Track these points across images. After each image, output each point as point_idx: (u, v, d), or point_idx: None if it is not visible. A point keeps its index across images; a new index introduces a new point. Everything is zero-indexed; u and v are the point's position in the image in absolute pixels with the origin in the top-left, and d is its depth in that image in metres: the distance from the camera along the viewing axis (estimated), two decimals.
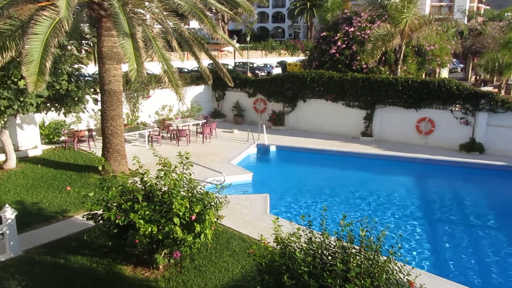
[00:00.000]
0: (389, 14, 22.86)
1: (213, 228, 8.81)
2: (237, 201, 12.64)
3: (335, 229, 6.91)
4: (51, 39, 10.79)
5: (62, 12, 9.79)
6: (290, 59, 56.31)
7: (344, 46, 24.74)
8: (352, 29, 24.78)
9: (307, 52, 35.70)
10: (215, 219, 8.82)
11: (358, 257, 5.67)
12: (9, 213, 9.03)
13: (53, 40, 10.90)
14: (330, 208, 13.24)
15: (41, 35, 10.68)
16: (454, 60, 46.36)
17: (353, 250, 5.90)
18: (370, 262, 5.65)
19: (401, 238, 10.83)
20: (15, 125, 16.19)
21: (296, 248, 6.28)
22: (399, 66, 22.80)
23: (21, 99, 12.64)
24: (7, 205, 9.17)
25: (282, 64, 49.35)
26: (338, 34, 25.16)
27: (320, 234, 6.45)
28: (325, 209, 6.97)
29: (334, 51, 24.96)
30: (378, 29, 21.94)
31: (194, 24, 52.92)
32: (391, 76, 21.65)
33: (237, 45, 18.28)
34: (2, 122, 13.81)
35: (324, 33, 26.57)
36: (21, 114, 14.48)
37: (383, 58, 23.70)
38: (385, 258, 5.69)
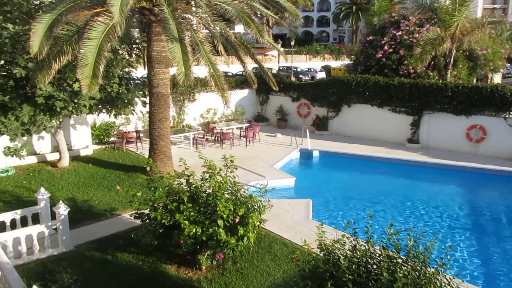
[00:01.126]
0: (439, 17, 22.16)
1: (255, 231, 8.86)
2: (279, 205, 12.63)
3: (380, 237, 6.78)
4: (104, 44, 11.27)
5: (115, 17, 10.18)
6: (334, 64, 55.69)
7: (391, 50, 24.20)
8: (399, 33, 24.21)
9: (352, 56, 35.19)
10: (258, 223, 8.87)
11: (404, 267, 5.52)
12: (62, 209, 9.47)
13: (106, 45, 11.37)
14: (374, 216, 12.95)
15: (95, 39, 11.17)
16: (508, 65, 44.22)
17: (400, 260, 5.75)
18: (418, 273, 5.49)
19: (450, 250, 10.43)
20: (69, 125, 16.99)
21: (340, 255, 6.20)
22: (449, 71, 22.03)
23: (75, 100, 13.25)
24: (60, 202, 9.62)
25: (326, 69, 48.87)
26: (385, 38, 24.65)
27: (365, 242, 6.34)
28: (370, 217, 6.83)
29: (381, 55, 24.46)
30: (427, 32, 21.31)
31: (238, 28, 53.47)
32: (440, 81, 20.95)
33: (282, 49, 18.32)
34: (58, 122, 14.52)
35: (370, 37, 26.12)
36: (75, 115, 15.18)
37: (432, 62, 22.98)
38: (433, 269, 5.51)
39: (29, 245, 9.34)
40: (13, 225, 9.71)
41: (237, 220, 8.21)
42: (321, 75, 44.25)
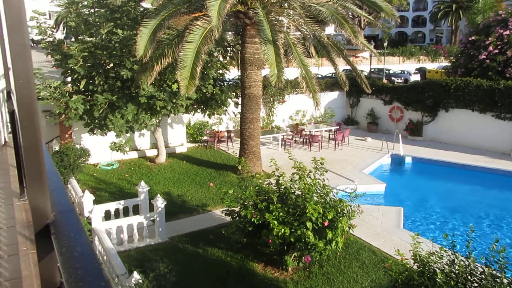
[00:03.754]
0: None
1: (344, 236, 8.70)
2: (368, 211, 12.26)
3: (482, 253, 6.29)
4: (202, 46, 11.82)
5: (213, 21, 10.63)
6: (430, 66, 52.72)
7: (497, 51, 22.29)
8: (507, 32, 22.21)
9: (451, 58, 33.06)
10: (347, 228, 8.70)
11: None
12: (160, 202, 10.09)
13: (204, 47, 11.91)
14: (474, 230, 12.03)
15: (193, 43, 11.76)
16: None
17: (505, 281, 5.29)
18: None
19: None
20: (166, 124, 18.06)
21: (436, 269, 5.88)
22: None
23: (174, 100, 14.03)
24: (158, 195, 10.26)
25: (421, 71, 46.45)
26: (490, 38, 22.78)
27: (465, 258, 5.94)
28: (472, 230, 6.38)
29: (484, 57, 22.65)
30: None
31: (328, 30, 52.81)
32: None
33: (374, 50, 17.68)
34: (157, 121, 15.49)
35: (472, 37, 24.30)
36: (173, 114, 16.09)
37: None
38: None
39: (129, 234, 10.09)
40: (116, 214, 10.54)
41: (326, 224, 8.13)
42: (416, 77, 42.21)
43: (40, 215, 1.28)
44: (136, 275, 6.60)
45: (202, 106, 15.90)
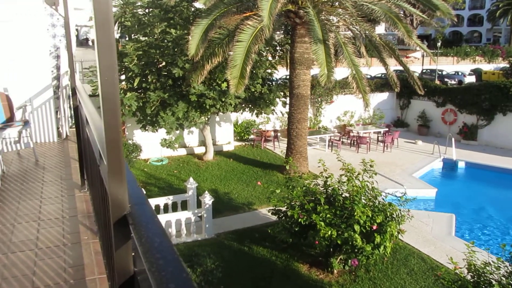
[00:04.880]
0: None
1: (393, 241, 8.50)
2: (418, 217, 11.86)
3: None
4: (252, 46, 11.89)
5: (264, 20, 10.66)
6: (486, 67, 50.34)
7: None
8: None
9: (510, 58, 31.43)
10: (396, 233, 8.49)
11: None
12: (207, 199, 10.26)
13: (254, 47, 11.98)
14: None
15: (244, 42, 11.85)
16: None
17: None
18: None
19: None
20: (214, 122, 18.33)
21: (492, 280, 5.62)
22: None
23: (223, 99, 14.20)
24: (206, 192, 10.44)
25: (476, 72, 44.46)
26: None
27: None
28: None
29: None
30: None
31: (379, 29, 51.58)
32: None
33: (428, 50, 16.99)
34: (206, 118, 15.74)
35: None
36: (221, 113, 16.30)
37: None
38: None
39: (177, 229, 10.32)
40: (165, 209, 10.82)
41: (374, 227, 7.97)
42: (470, 79, 40.47)
43: (118, 206, 1.34)
44: None
45: (250, 105, 15.99)
